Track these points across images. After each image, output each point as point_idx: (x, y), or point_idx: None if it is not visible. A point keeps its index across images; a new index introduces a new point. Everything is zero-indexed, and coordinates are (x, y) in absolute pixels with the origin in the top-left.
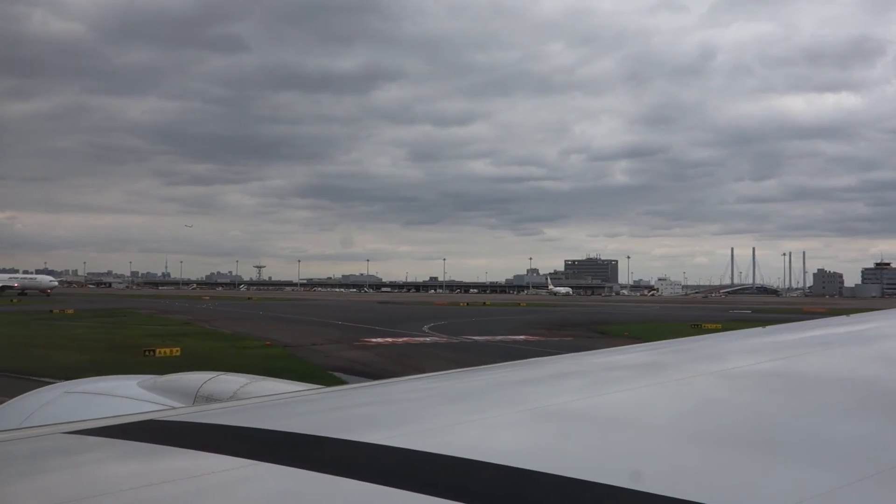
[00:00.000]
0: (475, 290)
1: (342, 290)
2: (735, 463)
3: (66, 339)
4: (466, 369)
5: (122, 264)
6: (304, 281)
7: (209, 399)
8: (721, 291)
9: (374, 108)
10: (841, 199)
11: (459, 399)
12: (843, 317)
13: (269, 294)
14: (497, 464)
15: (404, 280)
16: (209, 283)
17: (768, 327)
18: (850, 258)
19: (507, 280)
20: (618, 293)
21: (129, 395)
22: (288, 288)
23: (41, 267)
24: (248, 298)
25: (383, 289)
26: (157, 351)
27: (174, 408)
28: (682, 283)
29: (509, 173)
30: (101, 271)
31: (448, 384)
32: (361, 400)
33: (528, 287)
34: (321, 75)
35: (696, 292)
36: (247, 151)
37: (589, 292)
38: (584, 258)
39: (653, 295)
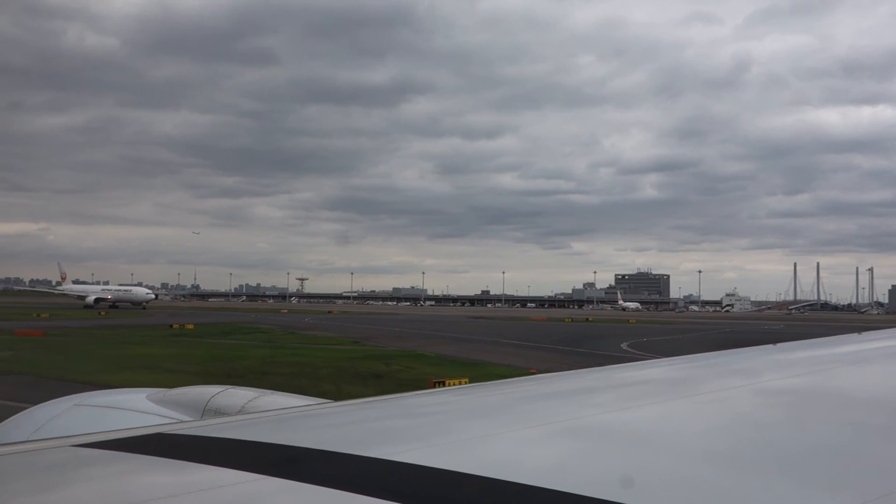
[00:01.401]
0: (532, 305)
1: (393, 303)
2: (759, 482)
3: (278, 363)
4: (476, 385)
5: (151, 275)
6: (355, 294)
7: (217, 413)
8: (790, 308)
9: (403, 121)
10: (875, 213)
11: (470, 414)
12: (855, 335)
13: (335, 307)
14: (507, 480)
15: (443, 294)
16: (257, 296)
17: (779, 344)
18: (882, 274)
19: (556, 294)
20: (686, 308)
21: (138, 409)
22: (339, 301)
23: (76, 278)
24: (329, 312)
25: (428, 302)
26: (446, 382)
27: (183, 421)
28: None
29: (537, 187)
30: (133, 283)
31: (458, 399)
32: (370, 415)
33: (593, 301)
34: (351, 88)
35: (767, 308)
36: (276, 164)
37: (653, 307)
38: (634, 272)
39: (727, 311)
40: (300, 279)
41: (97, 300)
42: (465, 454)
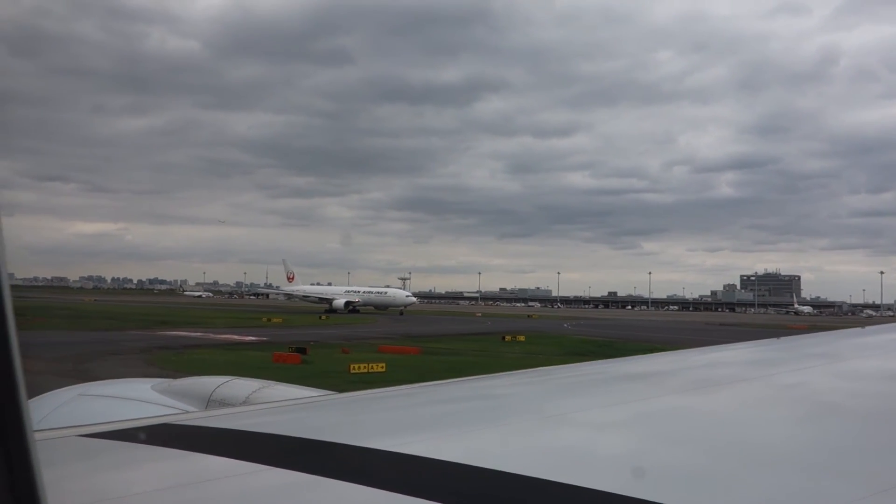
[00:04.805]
0: (675, 307)
1: (521, 304)
2: (782, 477)
3: None
4: (487, 376)
5: (225, 274)
6: (476, 294)
7: (222, 403)
8: None
9: (475, 120)
10: None
11: (477, 406)
12: (860, 329)
13: (494, 310)
14: (513, 473)
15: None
16: None
17: (783, 338)
18: None
19: (699, 296)
20: (860, 313)
21: (143, 399)
22: (462, 301)
23: (153, 277)
24: (529, 316)
25: (557, 304)
26: None
27: (188, 412)
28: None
29: (609, 185)
30: (208, 282)
31: (467, 391)
32: (374, 406)
33: (755, 305)
34: (424, 87)
35: None
36: (347, 164)
37: (826, 311)
38: (761, 273)
39: None
40: (402, 278)
41: (347, 304)
42: (469, 446)
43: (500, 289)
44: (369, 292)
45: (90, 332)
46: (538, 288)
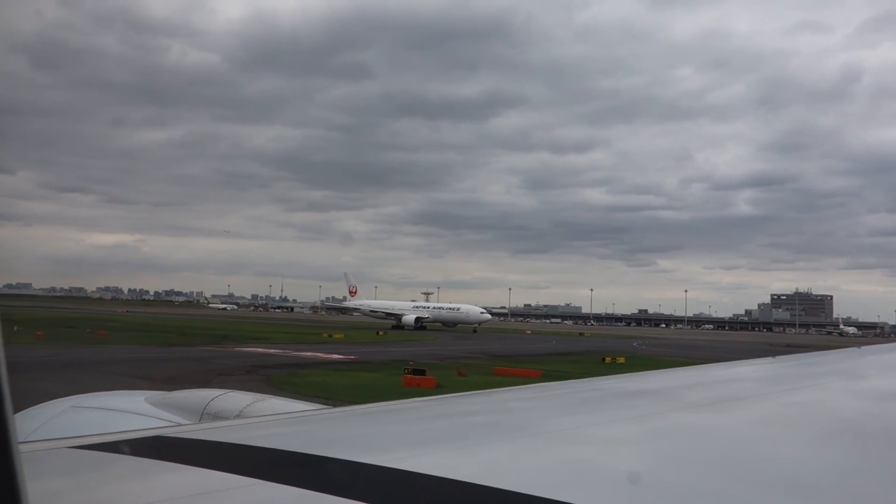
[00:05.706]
0: (710, 326)
1: (547, 320)
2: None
3: None
4: (490, 391)
5: (239, 286)
6: (504, 310)
7: (216, 416)
8: None
9: (493, 135)
10: None
11: (480, 422)
12: (856, 349)
13: (529, 326)
14: (519, 492)
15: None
16: None
17: (778, 357)
18: None
19: (732, 314)
20: None
21: (136, 411)
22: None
23: (169, 288)
24: (581, 334)
25: (591, 321)
26: None
27: (181, 424)
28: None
29: (626, 202)
30: (223, 294)
31: (468, 406)
32: (373, 421)
33: (794, 325)
34: (442, 102)
35: None
36: (364, 178)
37: (861, 332)
38: (791, 292)
39: None
40: (426, 293)
41: (417, 319)
42: (477, 463)
43: (525, 304)
44: (440, 308)
45: (162, 349)
46: (568, 304)
